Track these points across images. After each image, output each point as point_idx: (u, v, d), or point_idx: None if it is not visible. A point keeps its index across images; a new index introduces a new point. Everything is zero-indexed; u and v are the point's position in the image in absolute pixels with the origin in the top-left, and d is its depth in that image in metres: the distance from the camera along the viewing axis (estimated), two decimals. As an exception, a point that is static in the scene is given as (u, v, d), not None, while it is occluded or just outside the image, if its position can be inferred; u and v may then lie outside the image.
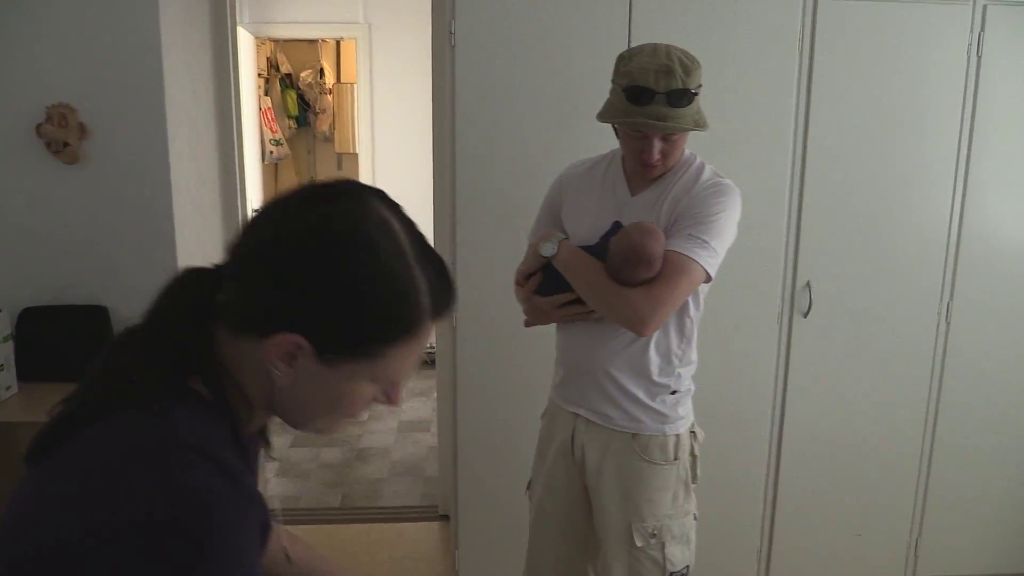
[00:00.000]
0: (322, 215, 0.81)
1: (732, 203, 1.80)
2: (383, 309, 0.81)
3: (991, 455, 2.91)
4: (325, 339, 0.80)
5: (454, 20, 2.47)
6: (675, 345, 1.86)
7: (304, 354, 0.80)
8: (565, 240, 1.83)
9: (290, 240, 0.80)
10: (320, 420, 0.89)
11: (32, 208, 2.53)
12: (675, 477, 1.90)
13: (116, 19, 2.44)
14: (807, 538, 2.90)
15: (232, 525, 0.74)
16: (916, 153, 2.66)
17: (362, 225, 0.81)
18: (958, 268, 2.74)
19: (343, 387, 0.84)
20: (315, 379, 0.82)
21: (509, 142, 2.51)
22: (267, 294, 0.80)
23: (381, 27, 5.39)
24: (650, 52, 1.70)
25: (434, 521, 3.49)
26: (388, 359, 0.83)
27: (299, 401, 0.86)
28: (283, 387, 0.83)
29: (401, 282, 0.81)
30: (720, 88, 2.55)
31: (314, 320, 0.79)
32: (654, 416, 1.86)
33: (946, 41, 2.59)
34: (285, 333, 0.78)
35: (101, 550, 0.70)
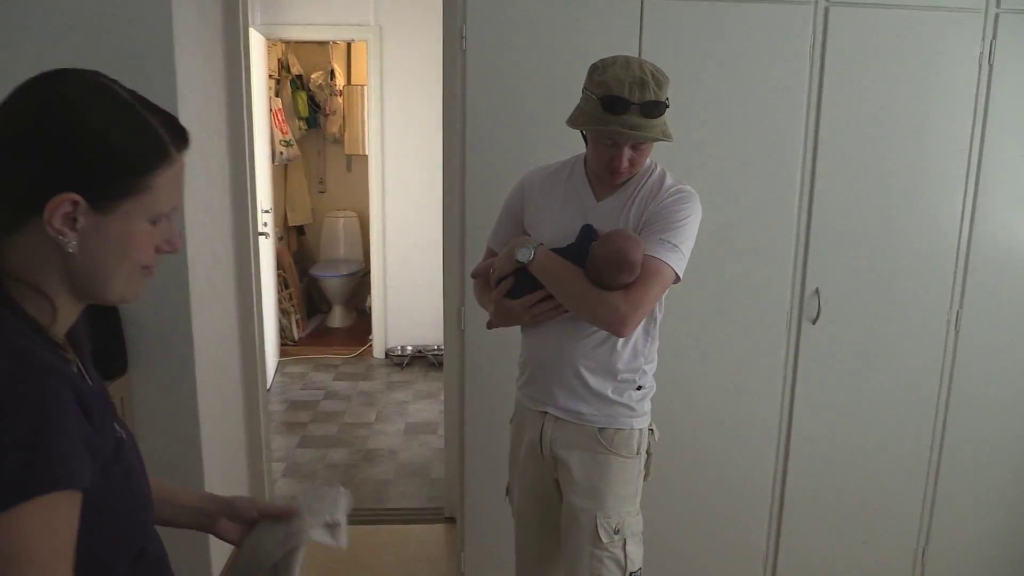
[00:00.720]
0: (47, 88, 0.91)
1: (696, 208, 1.89)
2: (130, 142, 0.90)
3: (999, 463, 2.90)
4: (92, 186, 0.87)
5: (465, 24, 2.47)
6: (641, 343, 1.93)
7: (82, 211, 0.87)
8: (541, 246, 1.88)
9: (25, 116, 0.88)
10: (118, 279, 0.94)
11: (44, 207, 2.54)
12: (637, 471, 1.98)
13: (129, 20, 2.45)
14: (813, 545, 2.90)
15: (27, 397, 0.80)
16: (926, 161, 2.66)
17: (86, 83, 0.92)
18: (968, 276, 2.73)
19: (125, 231, 0.91)
20: (99, 234, 0.89)
21: (520, 144, 2.52)
22: (24, 171, 0.87)
23: (392, 29, 5.40)
24: (623, 64, 1.78)
25: (440, 523, 3.50)
26: (154, 190, 0.91)
27: (93, 265, 0.91)
28: (74, 255, 0.89)
29: (137, 119, 0.92)
30: (731, 94, 2.56)
31: (76, 172, 0.87)
32: (622, 410, 1.94)
33: (957, 49, 2.59)
34: (57, 195, 0.85)
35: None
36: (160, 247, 0.97)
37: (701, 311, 2.66)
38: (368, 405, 4.95)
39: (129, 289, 0.97)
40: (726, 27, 2.52)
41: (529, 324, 1.95)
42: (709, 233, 2.59)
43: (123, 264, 0.94)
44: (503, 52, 2.50)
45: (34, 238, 0.88)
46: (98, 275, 0.93)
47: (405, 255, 5.67)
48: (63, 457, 0.81)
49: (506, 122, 2.53)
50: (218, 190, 2.99)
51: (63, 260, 0.89)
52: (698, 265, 2.59)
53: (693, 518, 2.84)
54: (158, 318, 2.61)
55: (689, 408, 2.74)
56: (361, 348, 5.94)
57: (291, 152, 6.06)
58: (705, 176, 2.57)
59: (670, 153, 2.51)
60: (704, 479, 2.81)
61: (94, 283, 0.93)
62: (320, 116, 6.63)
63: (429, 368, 5.63)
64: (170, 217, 0.97)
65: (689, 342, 2.68)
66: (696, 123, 2.55)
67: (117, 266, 0.93)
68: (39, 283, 0.90)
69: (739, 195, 2.62)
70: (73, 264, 0.90)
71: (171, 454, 2.72)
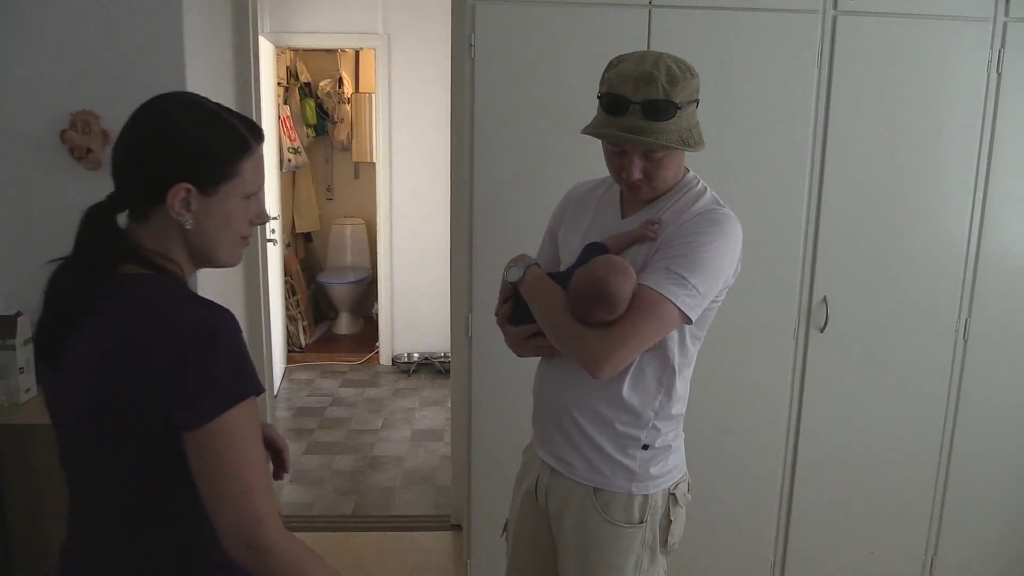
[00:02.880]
0: (155, 107, 1.18)
1: (725, 235, 1.57)
2: (221, 140, 1.17)
3: (1008, 472, 2.88)
4: (198, 176, 1.15)
5: (474, 32, 2.48)
6: (652, 395, 1.63)
7: (193, 196, 1.15)
8: (533, 266, 1.67)
9: (142, 130, 1.17)
10: (223, 246, 1.22)
11: (54, 213, 2.55)
12: (639, 541, 1.67)
13: (140, 27, 2.47)
14: (821, 553, 2.89)
15: (232, 326, 1.13)
16: (935, 169, 2.65)
17: (181, 99, 1.21)
18: (976, 284, 2.72)
19: (226, 208, 1.19)
20: (207, 212, 1.17)
21: (527, 153, 2.52)
22: (147, 172, 1.16)
23: (400, 37, 5.42)
24: (637, 59, 1.53)
25: (446, 531, 3.49)
26: (242, 174, 1.19)
27: (205, 236, 1.19)
28: (192, 230, 1.18)
29: (222, 122, 1.19)
30: (739, 103, 2.56)
31: (185, 167, 1.15)
32: (620, 471, 1.65)
33: (966, 58, 2.59)
34: (174, 185, 1.14)
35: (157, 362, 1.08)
36: (253, 220, 1.25)
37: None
38: (375, 412, 4.95)
39: (232, 254, 1.25)
40: (734, 37, 2.52)
41: (531, 354, 1.72)
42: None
43: (227, 234, 1.21)
44: (511, 60, 2.50)
45: (160, 221, 1.17)
46: (209, 244, 1.21)
47: (412, 262, 5.68)
48: (253, 371, 1.14)
49: (514, 130, 2.53)
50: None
51: (183, 235, 1.18)
52: (705, 273, 2.60)
53: (700, 526, 2.82)
54: (167, 324, 2.62)
55: (696, 416, 2.72)
56: (368, 355, 5.94)
57: (299, 159, 6.08)
58: (713, 185, 2.55)
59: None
60: (711, 487, 2.80)
61: (206, 251, 1.22)
62: (328, 123, 6.65)
63: (436, 375, 5.63)
64: (258, 195, 1.24)
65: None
66: (703, 130, 2.55)
67: (222, 236, 1.21)
68: (168, 253, 1.19)
69: (747, 203, 2.61)
70: (190, 237, 1.19)
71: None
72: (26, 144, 2.51)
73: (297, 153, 6.05)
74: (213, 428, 1.08)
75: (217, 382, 1.09)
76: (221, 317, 1.12)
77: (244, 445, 1.10)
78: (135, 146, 1.17)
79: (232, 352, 1.11)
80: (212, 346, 1.10)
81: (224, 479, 1.09)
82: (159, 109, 1.18)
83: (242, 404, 1.10)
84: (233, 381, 1.11)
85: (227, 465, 1.09)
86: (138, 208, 1.19)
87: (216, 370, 1.09)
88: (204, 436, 1.08)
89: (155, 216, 1.18)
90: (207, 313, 1.13)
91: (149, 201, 1.17)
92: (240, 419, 1.10)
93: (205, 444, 1.09)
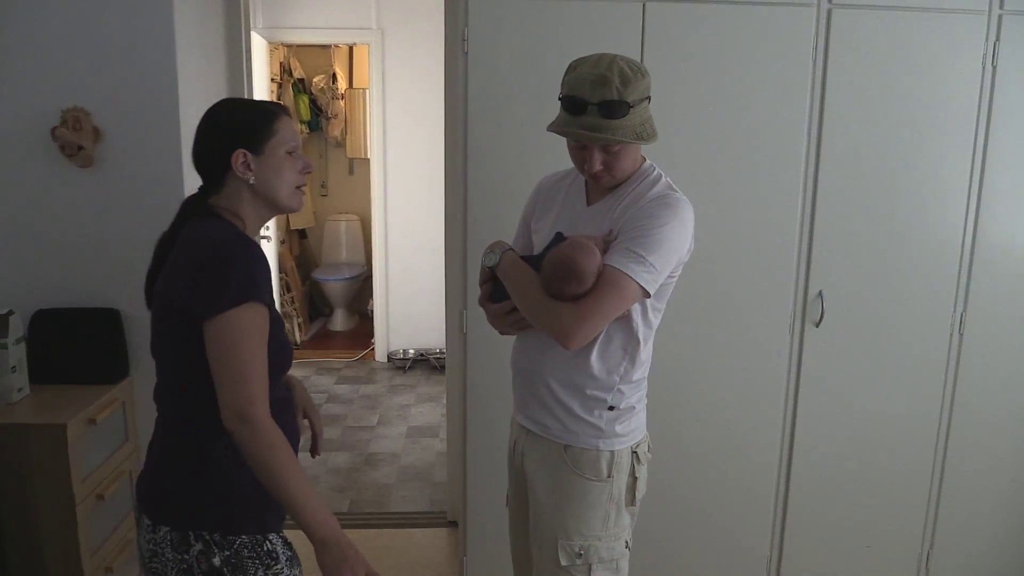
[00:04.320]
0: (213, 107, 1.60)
1: (678, 217, 1.74)
2: (255, 113, 1.57)
3: (1004, 467, 2.88)
4: (248, 141, 1.53)
5: (467, 26, 2.47)
6: (617, 361, 1.81)
7: (250, 157, 1.53)
8: (509, 251, 1.85)
9: (207, 122, 1.58)
10: (282, 191, 1.57)
11: (46, 211, 2.54)
12: (607, 496, 1.84)
13: (131, 23, 2.45)
14: (817, 549, 2.88)
15: (253, 253, 1.46)
16: (930, 163, 2.65)
17: (221, 101, 1.63)
18: (972, 278, 2.72)
19: (276, 160, 1.55)
20: (262, 166, 1.54)
21: (521, 147, 2.51)
22: (215, 150, 1.54)
23: (394, 33, 5.41)
24: (593, 62, 1.69)
25: (442, 527, 3.49)
26: (279, 132, 1.56)
27: (267, 185, 1.55)
28: (255, 184, 1.54)
29: (253, 103, 1.70)
30: (733, 97, 2.55)
31: (237, 137, 1.53)
32: (589, 429, 1.82)
33: (961, 51, 2.58)
34: (234, 152, 1.52)
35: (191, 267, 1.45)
36: (301, 169, 1.60)
37: (703, 314, 2.66)
38: (370, 409, 4.95)
39: (293, 199, 1.60)
40: (728, 30, 2.51)
41: (512, 330, 1.91)
42: (712, 236, 2.60)
43: (281, 181, 1.56)
44: (505, 55, 2.49)
45: (231, 185, 1.55)
46: (271, 191, 1.56)
47: (407, 258, 5.67)
48: (262, 284, 1.44)
49: (508, 125, 2.52)
50: (220, 193, 3.00)
51: (250, 191, 1.55)
52: (701, 268, 2.59)
53: (695, 523, 2.83)
54: (160, 322, 2.61)
55: (691, 411, 2.73)
56: (363, 351, 5.94)
57: (293, 155, 6.06)
58: (707, 179, 2.57)
59: (671, 155, 2.51)
60: (706, 483, 2.80)
61: (270, 197, 1.56)
62: (322, 119, 6.63)
63: (431, 371, 5.63)
64: (297, 151, 1.60)
65: (691, 345, 2.67)
66: (698, 126, 2.55)
67: (279, 183, 1.56)
68: (236, 211, 1.55)
69: (742, 198, 2.61)
70: (256, 190, 1.55)
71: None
72: (16, 141, 2.49)
73: (291, 149, 6.03)
74: (220, 321, 1.39)
75: (227, 286, 1.40)
76: (241, 244, 1.46)
77: (246, 340, 1.40)
78: (202, 138, 1.57)
79: (244, 268, 1.43)
80: (228, 260, 1.43)
81: (228, 366, 1.39)
82: (210, 111, 1.59)
83: (245, 306, 1.40)
84: (239, 288, 1.40)
85: (231, 355, 1.39)
86: (214, 182, 1.56)
87: (227, 278, 1.41)
88: (214, 328, 1.39)
89: (227, 183, 1.55)
90: (233, 240, 1.47)
91: (220, 171, 1.54)
92: (242, 318, 1.40)
93: (215, 335, 1.39)
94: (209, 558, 1.49)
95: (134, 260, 2.55)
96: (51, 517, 2.30)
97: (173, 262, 1.51)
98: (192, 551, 1.49)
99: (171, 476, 1.54)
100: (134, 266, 2.55)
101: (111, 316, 2.56)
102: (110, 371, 2.55)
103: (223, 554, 1.49)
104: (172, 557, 1.50)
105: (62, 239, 2.55)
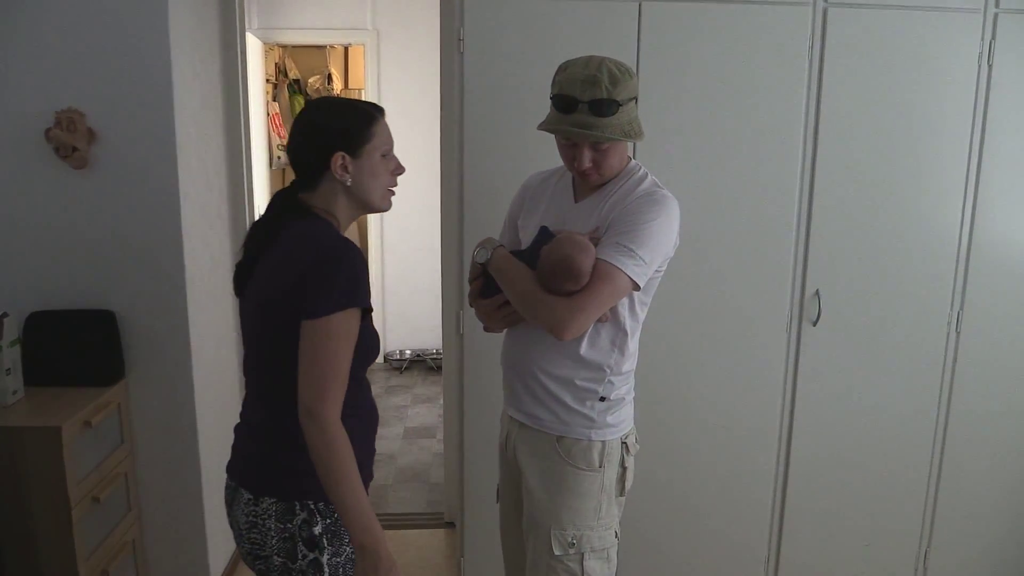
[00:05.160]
0: (301, 114, 1.69)
1: (665, 213, 1.79)
2: (354, 116, 1.64)
3: (1001, 465, 2.89)
4: (347, 144, 1.60)
5: (463, 27, 2.47)
6: (607, 353, 1.86)
7: (347, 160, 1.60)
8: (500, 247, 1.89)
9: (302, 122, 1.67)
10: (375, 193, 1.66)
11: (40, 213, 2.53)
12: (599, 486, 1.88)
13: (125, 24, 2.44)
14: (815, 548, 2.88)
15: (358, 257, 1.54)
16: (926, 161, 2.65)
17: (319, 100, 1.77)
18: (968, 277, 2.72)
19: (371, 163, 1.63)
20: (359, 169, 1.62)
21: (518, 148, 2.50)
22: (315, 151, 1.61)
23: (389, 33, 5.40)
24: (583, 63, 1.75)
25: (440, 528, 3.48)
26: (375, 136, 1.64)
27: (361, 187, 1.64)
28: (351, 185, 1.62)
29: (351, 104, 1.72)
30: (730, 96, 2.55)
31: (337, 140, 1.60)
32: (580, 420, 1.87)
33: (957, 50, 2.58)
34: (333, 154, 1.59)
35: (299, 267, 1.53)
36: (393, 171, 1.69)
37: (700, 313, 2.65)
38: (367, 410, 4.93)
39: (384, 200, 1.69)
40: (724, 29, 2.51)
41: (502, 325, 1.94)
42: (709, 234, 2.60)
43: (375, 184, 1.65)
44: (501, 55, 2.49)
45: (326, 186, 1.63)
46: (364, 193, 1.65)
47: (403, 259, 5.66)
48: (363, 289, 1.54)
49: (504, 125, 2.52)
50: (215, 195, 2.98)
51: (345, 192, 1.63)
52: (697, 267, 2.59)
53: (693, 522, 2.83)
54: (154, 323, 2.60)
55: (689, 411, 2.73)
56: (360, 352, 5.92)
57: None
58: (704, 177, 2.56)
59: (667, 154, 2.50)
60: (704, 482, 2.80)
61: (364, 199, 1.65)
62: (318, 120, 6.60)
63: (428, 372, 5.62)
64: (391, 154, 1.69)
65: (688, 344, 2.67)
66: (695, 124, 2.55)
67: (373, 186, 1.65)
68: (331, 209, 1.64)
69: (738, 196, 2.61)
70: (351, 192, 1.63)
71: (169, 459, 2.70)
72: (10, 143, 2.48)
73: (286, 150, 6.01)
74: (320, 323, 1.48)
75: (334, 290, 1.49)
76: (348, 248, 1.55)
77: (337, 344, 1.50)
78: (301, 138, 1.64)
79: (350, 273, 1.51)
80: (336, 264, 1.51)
81: (313, 364, 1.49)
82: (309, 110, 1.69)
83: (347, 311, 1.50)
84: (343, 293, 1.50)
85: (319, 354, 1.49)
86: (309, 181, 1.64)
87: (335, 281, 1.50)
88: (312, 328, 1.49)
89: (322, 183, 1.63)
90: (340, 244, 1.56)
91: (318, 172, 1.62)
92: (340, 323, 1.50)
93: (311, 334, 1.49)
94: (311, 527, 1.59)
95: (129, 262, 2.56)
96: (46, 520, 2.29)
97: (278, 259, 1.59)
98: (296, 520, 1.59)
99: (273, 450, 1.63)
100: (129, 268, 2.57)
101: (106, 318, 2.55)
102: (105, 373, 2.54)
103: (324, 522, 1.60)
104: (275, 527, 1.60)
105: (57, 241, 2.54)
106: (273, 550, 1.60)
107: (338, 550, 1.62)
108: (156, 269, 2.57)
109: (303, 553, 1.59)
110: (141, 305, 2.59)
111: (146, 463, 2.71)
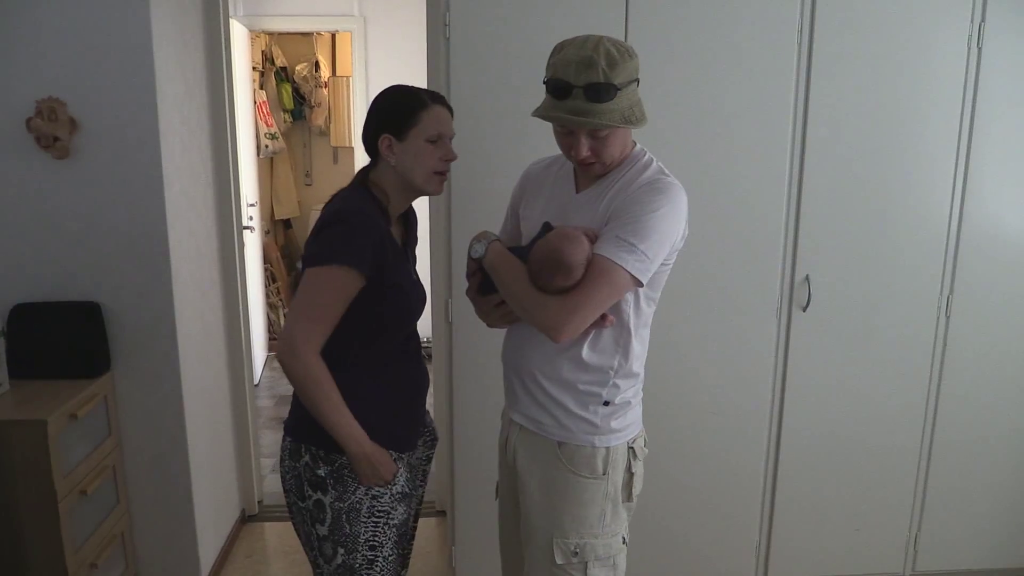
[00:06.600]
0: (377, 97, 1.83)
1: (670, 202, 1.66)
2: (402, 102, 1.78)
3: (991, 449, 2.90)
4: (392, 127, 1.75)
5: (448, 12, 2.44)
6: (611, 355, 1.75)
7: (394, 142, 1.75)
8: (495, 241, 1.79)
9: (369, 113, 1.81)
10: (419, 175, 1.78)
11: (22, 204, 2.50)
12: (603, 493, 1.78)
13: (107, 12, 2.40)
14: (806, 532, 2.89)
15: (361, 224, 1.69)
16: (916, 145, 2.64)
17: (387, 89, 1.83)
18: (958, 261, 2.72)
19: (416, 147, 1.76)
20: (403, 151, 1.76)
21: (504, 136, 2.49)
22: (370, 134, 1.79)
23: (376, 20, 5.35)
24: (578, 44, 1.61)
25: (431, 517, 3.48)
26: (422, 122, 1.75)
27: (404, 168, 1.77)
28: (396, 166, 1.77)
29: (407, 90, 1.81)
30: (718, 81, 2.53)
31: (383, 124, 1.77)
32: (583, 426, 1.76)
33: (946, 32, 2.57)
34: (380, 138, 1.76)
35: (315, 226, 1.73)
36: (441, 157, 1.78)
37: (690, 299, 2.65)
38: (358, 399, 4.91)
39: (429, 184, 1.80)
40: (712, 15, 2.49)
41: (502, 323, 1.86)
42: (698, 221, 2.58)
43: (419, 166, 1.77)
44: (487, 41, 2.46)
45: (382, 164, 1.80)
46: (408, 175, 1.78)
47: (393, 247, 5.63)
48: (358, 252, 1.66)
49: (490, 112, 2.50)
50: (201, 184, 2.95)
51: (393, 171, 1.78)
52: (687, 254, 2.57)
53: (684, 507, 2.83)
54: (141, 314, 2.58)
55: (679, 397, 2.73)
56: (350, 341, 5.89)
57: (276, 145, 6.01)
58: (693, 164, 2.55)
59: (655, 141, 2.48)
60: (695, 468, 2.80)
61: (408, 180, 1.78)
62: (305, 108, 6.57)
63: (419, 361, 5.59)
64: (441, 141, 1.78)
65: (678, 331, 2.66)
66: (683, 110, 2.53)
67: (417, 168, 1.77)
68: (383, 186, 1.79)
69: (727, 182, 2.60)
70: (396, 172, 1.78)
71: (157, 450, 2.69)
72: (-9, 133, 2.45)
73: (274, 139, 5.98)
74: (310, 273, 1.67)
75: (325, 246, 1.67)
76: (353, 214, 1.69)
77: (322, 293, 1.66)
78: (366, 120, 1.81)
79: (346, 235, 1.66)
80: (335, 224, 1.68)
81: (299, 306, 1.67)
82: (379, 96, 1.81)
83: (333, 267, 1.65)
84: (332, 250, 1.65)
85: (306, 299, 1.67)
86: (374, 160, 1.82)
87: (329, 239, 1.67)
88: (304, 276, 1.68)
89: (380, 162, 1.80)
90: (346, 208, 1.72)
91: (374, 152, 1.80)
92: (324, 276, 1.66)
93: (303, 281, 1.68)
94: (315, 469, 1.77)
95: (113, 252, 2.54)
96: (33, 514, 2.27)
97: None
98: (301, 461, 1.78)
99: (296, 396, 1.80)
100: (114, 259, 2.54)
101: (91, 310, 2.53)
102: (91, 365, 2.52)
103: (326, 468, 1.76)
104: (288, 464, 1.81)
105: (40, 232, 2.51)
106: (288, 486, 1.82)
107: (342, 495, 1.76)
108: (141, 259, 2.54)
109: (308, 493, 1.78)
110: (126, 296, 2.57)
111: (134, 455, 2.69)
